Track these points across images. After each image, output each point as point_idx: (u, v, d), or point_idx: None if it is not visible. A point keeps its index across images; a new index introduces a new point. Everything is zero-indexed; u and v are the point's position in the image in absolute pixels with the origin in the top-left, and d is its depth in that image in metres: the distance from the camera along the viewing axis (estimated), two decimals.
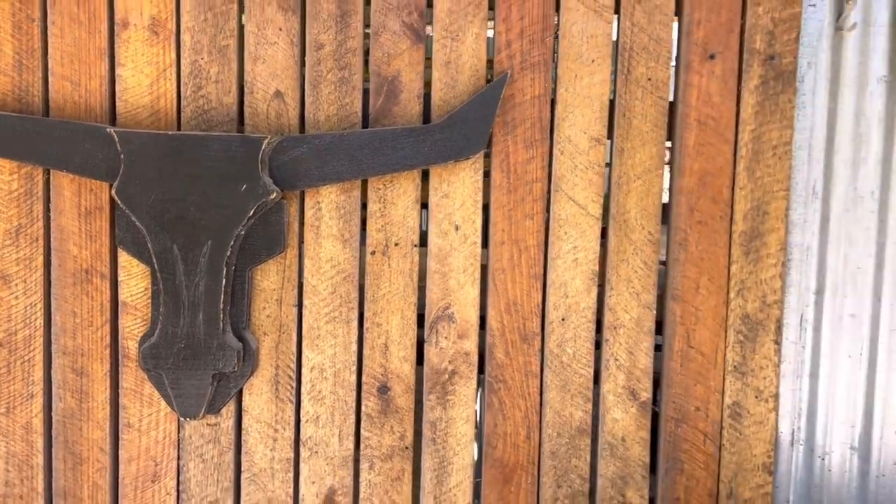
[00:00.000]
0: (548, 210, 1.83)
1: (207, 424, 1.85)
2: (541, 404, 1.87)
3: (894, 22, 1.81)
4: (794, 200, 1.84)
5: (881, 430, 1.90)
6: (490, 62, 1.84)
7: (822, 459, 1.91)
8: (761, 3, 1.77)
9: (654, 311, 1.85)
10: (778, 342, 1.85)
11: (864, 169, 1.84)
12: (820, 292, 1.87)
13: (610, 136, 1.82)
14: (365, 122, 1.79)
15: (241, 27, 1.78)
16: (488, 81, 1.78)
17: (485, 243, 1.85)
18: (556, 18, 1.79)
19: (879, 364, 1.89)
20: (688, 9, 1.78)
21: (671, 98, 1.82)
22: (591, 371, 1.86)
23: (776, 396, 1.87)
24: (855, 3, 1.78)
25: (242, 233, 1.71)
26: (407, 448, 1.86)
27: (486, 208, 1.86)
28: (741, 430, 1.87)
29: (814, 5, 1.80)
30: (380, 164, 1.74)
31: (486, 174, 1.84)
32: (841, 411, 1.90)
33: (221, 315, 1.70)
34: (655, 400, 1.92)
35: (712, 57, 1.78)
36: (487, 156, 1.83)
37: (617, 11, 1.79)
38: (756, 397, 1.86)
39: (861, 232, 1.85)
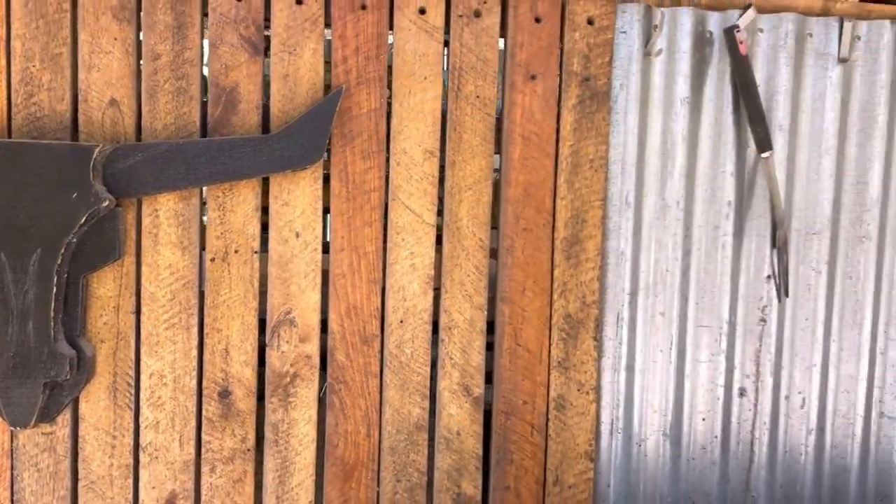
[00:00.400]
0: (386, 218, 1.93)
1: (42, 433, 1.83)
2: (381, 403, 1.96)
3: (695, 49, 2.01)
4: (609, 209, 2.01)
5: (690, 418, 2.11)
6: (328, 64, 1.91)
7: (639, 446, 2.09)
8: (577, 29, 1.94)
9: (486, 312, 1.98)
10: (597, 339, 2.02)
11: (671, 181, 2.04)
12: (634, 293, 2.05)
13: (443, 148, 1.94)
14: (204, 132, 1.83)
15: (74, 35, 1.78)
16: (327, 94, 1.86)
17: (325, 249, 1.93)
18: (390, 37, 1.89)
19: (687, 357, 2.09)
20: (511, 32, 1.92)
21: (498, 114, 1.96)
22: (428, 370, 1.97)
23: (597, 389, 2.04)
24: (660, 31, 1.97)
25: (74, 241, 1.71)
26: (249, 450, 1.91)
27: (326, 213, 1.93)
28: (565, 421, 2.02)
29: (625, 32, 1.98)
30: (217, 172, 1.78)
31: (327, 181, 1.92)
32: (655, 401, 2.09)
33: (52, 323, 1.70)
34: (488, 395, 2.05)
35: (534, 77, 1.93)
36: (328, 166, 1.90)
37: (447, 32, 1.91)
38: (578, 390, 2.02)
39: (669, 238, 2.05)
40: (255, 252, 1.87)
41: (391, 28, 1.89)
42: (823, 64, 2.06)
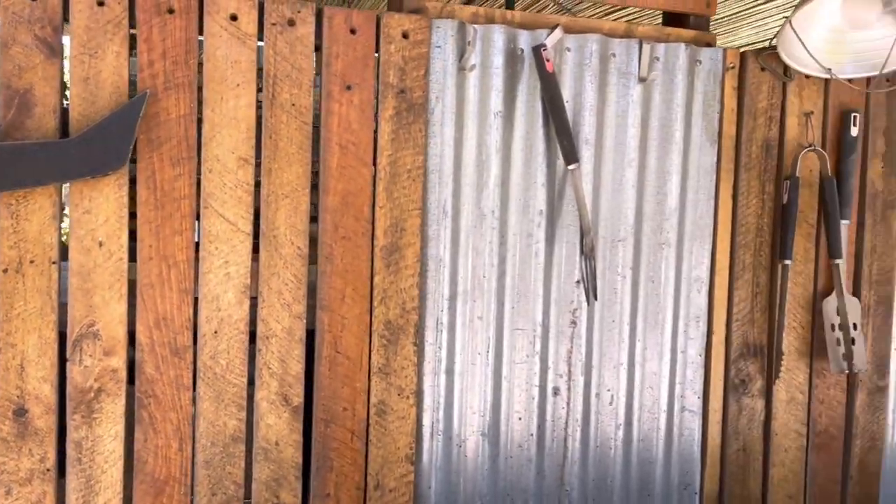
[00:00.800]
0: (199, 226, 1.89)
1: None
2: (194, 416, 1.91)
3: (507, 65, 2.11)
4: (428, 218, 2.06)
5: (507, 418, 2.19)
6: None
7: (459, 447, 2.16)
8: (392, 42, 1.98)
9: (305, 321, 1.98)
10: (417, 344, 2.06)
11: (486, 191, 2.12)
12: (453, 298, 2.11)
13: (259, 156, 1.92)
14: None
15: None
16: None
17: (133, 258, 1.86)
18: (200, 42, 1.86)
19: (504, 359, 2.17)
20: (327, 42, 1.94)
21: (316, 123, 1.97)
22: (245, 380, 1.94)
23: (417, 393, 2.08)
24: (474, 47, 2.05)
25: None
26: (48, 470, 1.81)
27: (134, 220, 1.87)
28: (386, 426, 2.05)
29: (440, 47, 2.04)
30: (9, 179, 1.69)
31: (134, 188, 1.85)
32: (474, 403, 2.16)
33: None
34: (308, 404, 2.04)
35: (350, 88, 1.96)
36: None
37: (261, 40, 1.90)
38: (399, 395, 2.06)
39: (486, 245, 2.13)
40: (54, 262, 1.78)
41: (202, 33, 1.86)
42: (625, 83, 2.21)
